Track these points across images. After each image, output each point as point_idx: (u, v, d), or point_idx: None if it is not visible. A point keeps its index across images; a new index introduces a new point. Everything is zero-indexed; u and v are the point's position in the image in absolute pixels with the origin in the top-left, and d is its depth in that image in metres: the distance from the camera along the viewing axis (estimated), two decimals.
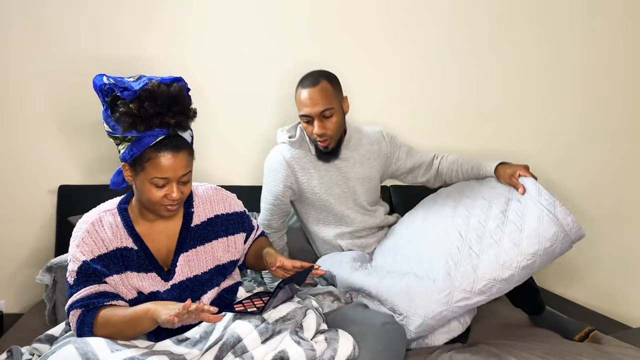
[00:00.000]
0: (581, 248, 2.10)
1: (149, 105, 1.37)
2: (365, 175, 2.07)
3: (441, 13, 2.55)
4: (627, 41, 2.67)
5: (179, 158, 1.41)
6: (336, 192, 2.03)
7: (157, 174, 1.40)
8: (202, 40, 2.43)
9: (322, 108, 1.86)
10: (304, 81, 1.92)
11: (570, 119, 2.69)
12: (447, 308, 1.69)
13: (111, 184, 1.55)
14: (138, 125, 1.37)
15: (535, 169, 2.07)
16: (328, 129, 1.89)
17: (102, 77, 1.42)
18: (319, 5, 2.48)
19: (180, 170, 1.42)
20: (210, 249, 1.57)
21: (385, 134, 2.15)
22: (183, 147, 1.42)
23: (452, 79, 2.60)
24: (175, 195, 1.42)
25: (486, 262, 1.70)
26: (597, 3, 2.62)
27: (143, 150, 1.39)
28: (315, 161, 2.00)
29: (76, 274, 1.44)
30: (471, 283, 1.69)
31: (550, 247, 1.69)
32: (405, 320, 1.72)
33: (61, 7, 2.33)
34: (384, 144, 2.13)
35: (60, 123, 2.37)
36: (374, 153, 2.10)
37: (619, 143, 2.73)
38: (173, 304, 1.33)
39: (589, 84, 2.68)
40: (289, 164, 1.98)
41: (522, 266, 1.69)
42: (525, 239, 1.70)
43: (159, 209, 1.46)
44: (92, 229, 1.47)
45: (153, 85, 1.39)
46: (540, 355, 1.64)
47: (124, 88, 1.38)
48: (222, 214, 1.61)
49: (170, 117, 1.39)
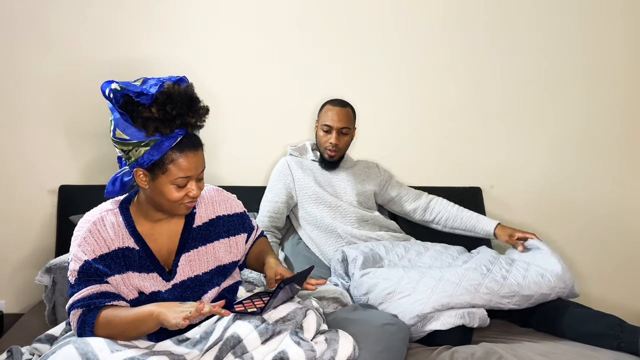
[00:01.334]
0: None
1: (170, 108, 1.37)
2: (356, 187, 2.32)
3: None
4: (627, 41, 2.67)
5: (199, 156, 1.44)
6: (328, 191, 2.29)
7: (181, 174, 1.41)
8: (202, 41, 2.44)
9: (343, 125, 2.25)
10: (334, 101, 2.30)
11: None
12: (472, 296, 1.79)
13: (106, 192, 1.51)
14: (162, 129, 1.37)
15: (540, 175, 2.08)
16: (341, 142, 2.27)
17: (111, 83, 1.40)
18: (320, 7, 2.48)
19: (200, 167, 1.45)
20: (212, 250, 1.57)
21: (379, 166, 2.48)
22: (200, 144, 1.46)
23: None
24: (195, 192, 1.45)
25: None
26: (598, 3, 2.63)
27: (164, 153, 1.39)
28: (313, 165, 2.34)
29: (77, 273, 1.43)
30: (499, 286, 1.83)
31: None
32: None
33: (64, 8, 2.33)
34: (375, 170, 2.44)
35: (61, 123, 2.37)
36: (367, 174, 2.40)
37: (622, 143, 2.73)
38: (177, 305, 1.34)
39: (590, 87, 2.68)
40: (289, 165, 2.32)
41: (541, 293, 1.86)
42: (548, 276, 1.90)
43: (178, 208, 1.47)
44: (94, 229, 1.46)
45: (169, 87, 1.38)
46: (541, 353, 1.64)
47: (139, 93, 1.37)
48: (223, 215, 1.61)
49: (191, 117, 1.41)
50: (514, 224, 2.69)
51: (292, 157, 2.37)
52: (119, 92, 1.38)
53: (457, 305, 1.76)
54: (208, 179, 2.30)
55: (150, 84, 1.39)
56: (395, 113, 2.60)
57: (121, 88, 1.38)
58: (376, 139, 2.60)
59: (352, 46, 2.53)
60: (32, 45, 2.33)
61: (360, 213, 2.26)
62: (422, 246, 2.16)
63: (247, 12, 2.46)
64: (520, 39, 2.62)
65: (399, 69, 2.57)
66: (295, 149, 2.39)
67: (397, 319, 1.70)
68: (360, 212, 2.26)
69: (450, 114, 2.63)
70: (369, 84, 2.57)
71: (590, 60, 2.67)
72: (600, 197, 2.74)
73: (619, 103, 2.70)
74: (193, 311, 1.27)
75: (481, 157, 2.67)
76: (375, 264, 2.03)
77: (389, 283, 1.86)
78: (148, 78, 1.43)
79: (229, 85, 2.48)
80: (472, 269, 1.89)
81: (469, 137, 2.65)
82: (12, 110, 2.35)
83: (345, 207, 2.25)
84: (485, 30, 2.60)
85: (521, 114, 2.67)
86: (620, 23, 2.65)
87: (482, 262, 1.96)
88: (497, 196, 2.69)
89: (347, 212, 2.25)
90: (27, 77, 2.34)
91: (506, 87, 2.64)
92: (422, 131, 2.62)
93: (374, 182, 2.39)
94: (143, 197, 1.50)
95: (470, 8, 2.58)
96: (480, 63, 2.61)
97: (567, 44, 2.64)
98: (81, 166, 2.41)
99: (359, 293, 1.93)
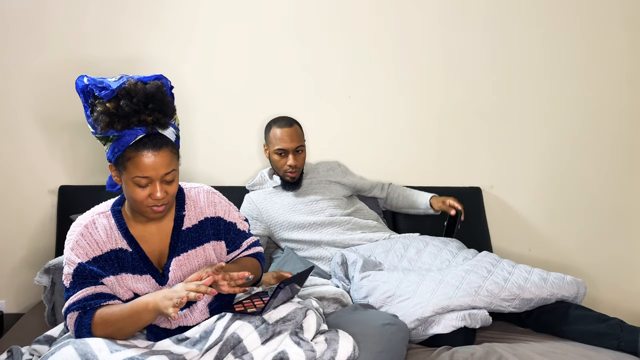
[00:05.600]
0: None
1: (124, 104, 1.36)
2: (325, 194, 2.31)
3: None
4: (627, 40, 2.67)
5: (160, 156, 1.39)
6: (300, 209, 2.26)
7: (138, 172, 1.38)
8: (195, 41, 2.44)
9: (297, 144, 2.23)
10: (279, 122, 2.26)
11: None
12: (472, 298, 1.77)
13: (107, 186, 1.55)
14: (115, 124, 1.37)
15: (540, 175, 2.05)
16: (299, 162, 2.25)
17: (83, 78, 1.42)
18: (309, 8, 2.48)
19: (162, 168, 1.39)
20: (203, 252, 1.55)
21: (339, 163, 2.49)
22: (164, 145, 1.40)
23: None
24: (159, 195, 1.40)
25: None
26: (598, 3, 2.63)
27: (124, 149, 1.38)
28: (276, 193, 2.30)
29: (72, 276, 1.43)
30: (500, 289, 1.82)
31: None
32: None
33: (63, 9, 2.33)
34: (337, 169, 2.45)
35: (61, 123, 2.37)
36: (330, 176, 2.40)
37: (622, 143, 2.73)
38: (171, 292, 1.34)
39: (590, 87, 2.68)
40: (254, 202, 2.29)
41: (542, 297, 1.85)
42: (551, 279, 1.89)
43: (145, 211, 1.44)
44: (86, 232, 1.46)
45: (130, 84, 1.38)
46: (542, 353, 1.64)
47: (102, 87, 1.38)
48: (210, 217, 1.57)
49: (147, 114, 1.38)
50: (514, 224, 2.70)
51: (254, 192, 2.33)
52: (87, 86, 1.41)
53: (458, 307, 1.75)
54: (207, 180, 2.32)
55: (119, 81, 1.40)
56: (395, 113, 2.59)
57: (88, 83, 1.40)
58: (376, 139, 2.59)
59: (350, 45, 2.53)
60: (32, 44, 2.33)
61: (339, 220, 2.23)
62: (422, 242, 2.15)
63: (247, 12, 2.46)
64: (520, 39, 2.61)
65: (398, 68, 2.57)
66: (252, 185, 2.35)
67: (397, 319, 1.70)
68: (339, 219, 2.23)
69: (450, 113, 2.62)
70: (368, 84, 2.56)
71: (590, 59, 2.66)
72: (601, 197, 2.74)
73: (619, 103, 2.70)
74: (183, 297, 1.29)
75: (481, 157, 2.67)
76: (376, 266, 2.03)
77: (388, 286, 1.86)
78: (125, 75, 1.43)
79: (228, 85, 2.48)
80: (473, 271, 1.88)
81: (469, 137, 2.64)
82: (12, 110, 2.35)
83: (323, 219, 2.22)
84: (484, 29, 2.59)
85: (521, 114, 2.66)
86: (620, 22, 2.65)
87: (483, 264, 1.95)
88: (497, 196, 2.69)
89: (325, 224, 2.22)
90: (27, 76, 2.34)
91: (506, 87, 2.64)
92: (422, 131, 2.62)
93: (340, 181, 2.38)
94: (125, 197, 1.50)
95: (471, 8, 2.57)
96: (479, 63, 2.61)
97: (567, 43, 2.64)
98: (81, 166, 2.41)
99: (359, 296, 1.92)
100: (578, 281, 1.91)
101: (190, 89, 2.39)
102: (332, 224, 2.22)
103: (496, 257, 2.04)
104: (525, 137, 2.68)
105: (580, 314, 1.82)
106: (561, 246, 2.69)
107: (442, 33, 2.58)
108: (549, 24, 2.62)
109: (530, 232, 2.72)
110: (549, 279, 1.88)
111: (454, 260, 2.04)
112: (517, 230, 2.71)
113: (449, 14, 2.57)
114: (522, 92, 2.65)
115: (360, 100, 2.53)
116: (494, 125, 2.65)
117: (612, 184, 2.74)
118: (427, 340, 1.76)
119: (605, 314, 1.80)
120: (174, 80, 1.57)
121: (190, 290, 1.32)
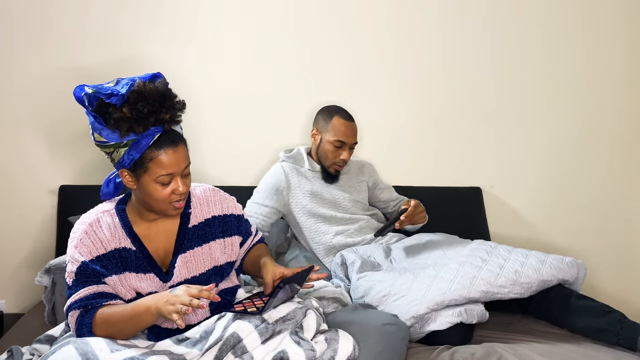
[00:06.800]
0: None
1: (141, 106, 1.37)
2: (352, 195, 2.29)
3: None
4: (627, 40, 2.67)
5: (179, 151, 1.43)
6: (325, 202, 2.24)
7: (162, 171, 1.41)
8: (195, 41, 2.44)
9: (355, 140, 2.24)
10: (342, 113, 2.23)
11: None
12: (467, 291, 1.76)
13: (102, 195, 1.55)
14: (135, 128, 1.37)
15: (540, 175, 2.05)
16: (350, 158, 2.24)
17: (83, 87, 1.41)
18: (309, 8, 2.48)
19: (183, 162, 1.44)
20: (208, 250, 1.57)
21: (368, 164, 2.47)
22: (180, 140, 1.45)
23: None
24: (182, 189, 1.44)
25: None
26: (598, 3, 2.63)
27: (143, 151, 1.39)
28: (311, 175, 2.26)
29: (75, 274, 1.44)
30: (495, 276, 1.80)
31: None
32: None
33: (63, 11, 2.33)
34: (366, 170, 2.43)
35: (61, 123, 2.37)
36: (359, 175, 2.38)
37: (622, 143, 2.73)
38: (173, 297, 1.34)
39: (590, 87, 2.68)
40: (285, 172, 2.24)
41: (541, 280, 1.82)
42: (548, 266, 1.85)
43: (166, 209, 1.46)
44: (90, 230, 1.46)
45: (139, 86, 1.38)
46: (542, 353, 1.64)
47: (109, 94, 1.38)
48: (218, 215, 1.60)
49: (164, 113, 1.40)
50: (514, 224, 2.70)
51: (288, 164, 2.27)
52: (92, 95, 1.40)
53: (453, 302, 1.74)
54: (205, 180, 2.32)
55: (122, 84, 1.39)
56: (395, 113, 2.60)
57: (93, 91, 1.40)
58: (375, 139, 2.59)
59: (349, 45, 2.53)
60: (32, 45, 2.33)
61: (356, 217, 2.24)
62: (421, 241, 2.15)
63: (247, 12, 2.46)
64: (520, 39, 2.61)
65: (398, 68, 2.57)
66: (289, 156, 2.29)
67: (397, 319, 1.70)
68: (357, 217, 2.24)
69: (450, 113, 2.63)
70: (368, 84, 2.56)
71: (590, 59, 2.66)
72: (600, 197, 2.74)
73: (618, 103, 2.70)
74: (187, 304, 1.28)
75: (481, 157, 2.67)
76: (374, 267, 2.03)
77: (383, 285, 1.86)
78: (121, 78, 1.43)
79: (228, 84, 2.48)
80: (468, 262, 1.88)
81: (468, 137, 2.65)
82: (13, 110, 2.35)
83: (340, 217, 2.22)
84: (484, 29, 2.59)
85: (521, 114, 2.66)
86: (620, 22, 2.65)
87: (477, 254, 1.93)
88: (497, 196, 2.69)
89: (339, 221, 2.22)
90: (28, 77, 2.34)
91: (506, 87, 2.64)
92: (422, 131, 2.62)
93: (365, 183, 2.37)
94: (134, 198, 1.51)
95: (471, 8, 2.57)
96: (479, 63, 2.61)
97: (567, 43, 2.64)
98: (81, 167, 2.41)
99: (356, 296, 1.93)
100: (578, 262, 1.88)
101: (190, 88, 2.39)
102: (351, 221, 2.22)
103: (492, 244, 2.03)
104: (525, 137, 2.68)
105: (583, 305, 1.80)
106: (561, 246, 2.69)
107: (442, 33, 2.58)
108: (549, 24, 2.62)
109: (530, 232, 2.72)
110: (547, 260, 1.86)
111: (448, 250, 2.03)
112: (517, 230, 2.71)
113: (449, 14, 2.57)
114: (522, 92, 2.65)
115: (360, 100, 2.53)
116: (494, 125, 2.65)
117: (611, 184, 2.74)
118: (424, 338, 1.77)
119: (609, 305, 1.78)
120: (174, 80, 1.58)
121: (193, 295, 1.31)
